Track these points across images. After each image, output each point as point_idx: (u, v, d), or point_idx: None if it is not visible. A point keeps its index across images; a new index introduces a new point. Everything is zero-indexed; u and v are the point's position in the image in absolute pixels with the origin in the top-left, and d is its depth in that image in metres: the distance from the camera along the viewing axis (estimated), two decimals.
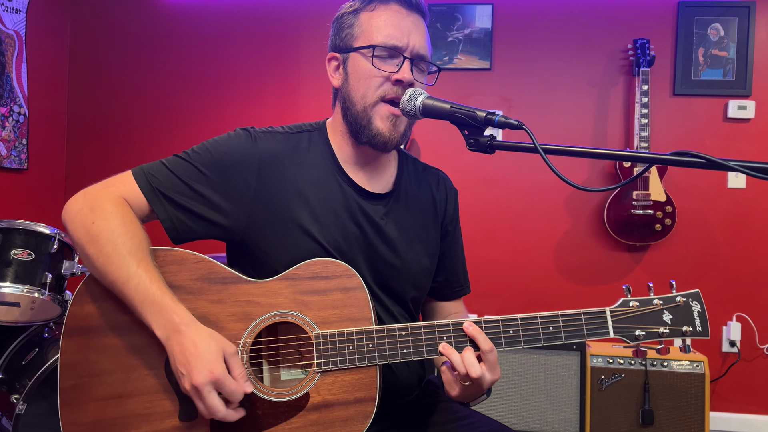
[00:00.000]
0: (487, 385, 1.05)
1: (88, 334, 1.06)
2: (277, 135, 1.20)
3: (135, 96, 3.40)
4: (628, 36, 3.08)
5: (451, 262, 1.36)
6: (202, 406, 0.98)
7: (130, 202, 1.11)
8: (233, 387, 0.98)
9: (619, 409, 2.54)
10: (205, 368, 0.96)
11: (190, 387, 0.97)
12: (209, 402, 0.97)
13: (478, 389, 1.06)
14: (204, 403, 0.97)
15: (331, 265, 1.10)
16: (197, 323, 1.01)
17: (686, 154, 0.91)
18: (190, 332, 0.99)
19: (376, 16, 1.16)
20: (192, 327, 1.00)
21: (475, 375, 1.01)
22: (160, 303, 1.00)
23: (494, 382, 1.06)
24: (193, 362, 0.97)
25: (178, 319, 1.00)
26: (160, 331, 1.00)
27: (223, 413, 0.98)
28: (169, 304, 1.01)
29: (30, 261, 2.02)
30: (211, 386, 0.97)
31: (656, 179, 2.92)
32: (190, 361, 0.97)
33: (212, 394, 0.97)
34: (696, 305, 1.09)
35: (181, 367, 0.98)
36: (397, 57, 1.15)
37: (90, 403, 1.04)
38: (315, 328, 1.07)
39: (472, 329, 1.05)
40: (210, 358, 0.97)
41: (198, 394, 0.97)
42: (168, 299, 1.01)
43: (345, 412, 1.06)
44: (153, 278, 1.02)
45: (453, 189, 1.38)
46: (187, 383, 0.97)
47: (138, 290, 1.01)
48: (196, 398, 0.98)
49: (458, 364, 1.03)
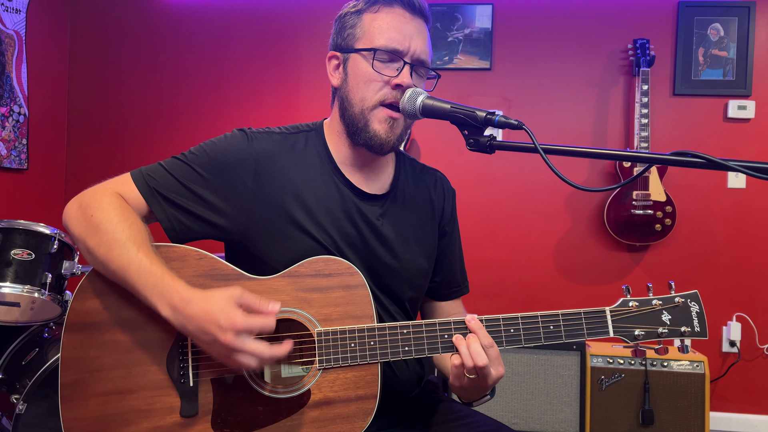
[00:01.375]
0: (492, 381, 1.06)
1: (90, 329, 1.06)
2: (274, 135, 1.21)
3: (135, 96, 3.40)
4: (628, 36, 3.09)
5: (449, 263, 1.36)
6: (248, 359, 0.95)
7: (129, 202, 1.12)
8: (259, 320, 0.97)
9: (619, 409, 2.54)
10: (226, 323, 0.94)
11: (224, 349, 0.95)
12: (251, 349, 0.95)
13: (483, 384, 1.06)
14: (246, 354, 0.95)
15: (333, 263, 1.11)
16: (196, 290, 1.00)
17: (686, 154, 0.91)
18: (195, 303, 0.98)
19: (379, 18, 1.16)
20: (194, 297, 0.99)
21: (481, 363, 1.02)
22: (160, 284, 1.00)
23: (499, 379, 1.07)
24: (212, 326, 0.95)
25: (178, 296, 0.99)
26: (166, 311, 0.99)
27: (269, 353, 0.96)
28: (169, 283, 1.00)
29: (30, 261, 2.02)
30: (243, 335, 0.95)
31: (656, 179, 2.92)
32: (209, 327, 0.95)
33: (248, 341, 0.95)
34: (694, 306, 1.10)
35: (204, 336, 0.96)
36: (397, 61, 1.15)
37: (91, 399, 1.04)
38: (317, 325, 1.08)
39: (474, 323, 1.06)
40: (224, 313, 0.95)
41: (235, 351, 0.95)
42: (167, 278, 1.01)
43: (346, 409, 1.06)
44: (153, 261, 1.02)
45: (451, 189, 1.38)
46: (219, 348, 0.96)
47: (139, 273, 1.01)
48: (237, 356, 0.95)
49: (465, 356, 1.04)
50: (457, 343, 1.06)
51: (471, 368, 1.03)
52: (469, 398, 1.16)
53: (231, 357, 0.96)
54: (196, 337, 0.98)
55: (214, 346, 0.97)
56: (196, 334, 0.98)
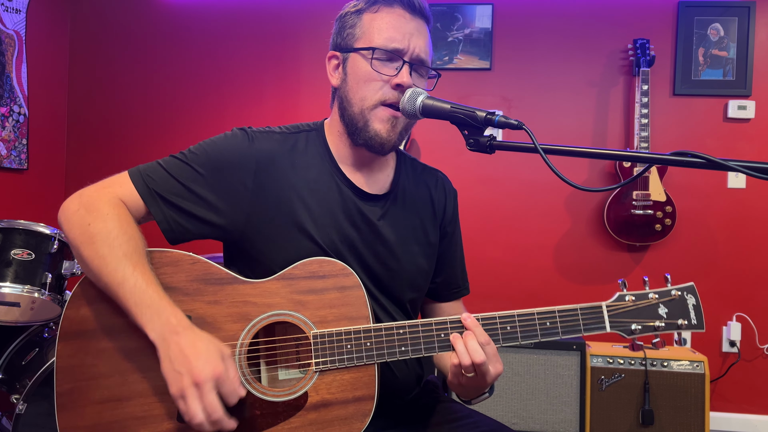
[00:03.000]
0: (491, 378, 1.06)
1: (84, 337, 1.05)
2: (274, 135, 1.20)
3: (135, 96, 3.40)
4: (628, 36, 3.09)
5: (450, 263, 1.36)
6: (199, 406, 0.94)
7: (127, 203, 1.11)
8: (232, 387, 0.97)
9: (619, 409, 2.54)
10: (208, 365, 0.95)
11: (190, 384, 0.94)
12: (209, 400, 0.94)
13: (481, 382, 1.06)
14: (205, 400, 0.94)
15: (328, 264, 1.10)
16: (194, 327, 1.00)
17: (686, 154, 0.91)
18: (189, 334, 0.98)
19: (379, 17, 1.16)
20: (190, 330, 0.99)
21: (478, 360, 1.02)
22: (156, 306, 0.99)
23: (498, 376, 1.06)
24: (194, 360, 0.95)
25: (176, 321, 0.99)
26: (154, 333, 0.99)
27: (220, 414, 0.95)
28: (167, 307, 1.00)
29: (30, 261, 2.02)
30: (213, 383, 0.95)
31: (656, 179, 2.92)
32: (191, 360, 0.95)
33: (213, 393, 0.95)
34: (691, 298, 1.09)
35: (179, 366, 0.96)
36: (396, 60, 1.14)
37: (87, 407, 1.04)
38: (312, 327, 1.07)
39: (470, 321, 1.06)
40: (211, 356, 0.96)
41: (198, 392, 0.94)
42: (165, 302, 1.00)
43: (344, 410, 1.06)
44: (149, 281, 1.01)
45: (452, 189, 1.37)
46: (186, 381, 0.94)
47: (133, 293, 1.00)
48: (192, 398, 0.94)
49: (462, 353, 1.03)
50: (453, 341, 1.06)
51: (468, 366, 1.03)
52: (468, 396, 1.16)
53: (186, 397, 0.95)
54: (169, 360, 0.97)
55: (180, 379, 0.95)
56: (172, 358, 0.96)
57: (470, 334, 1.05)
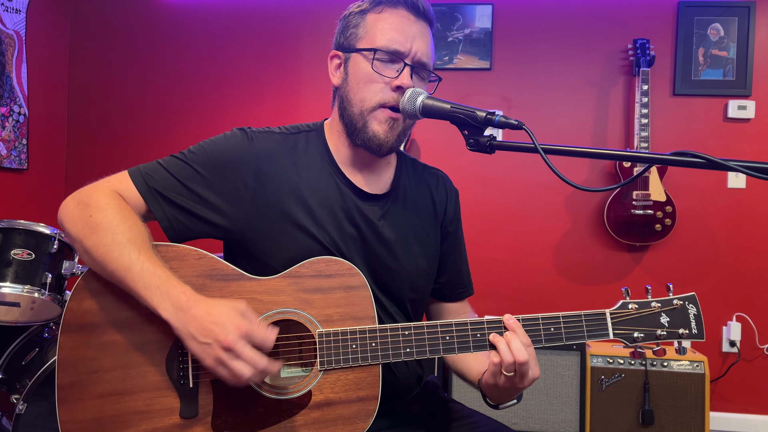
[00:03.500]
0: (528, 381, 1.05)
1: (87, 330, 1.05)
2: (275, 135, 1.20)
3: (135, 96, 3.40)
4: (628, 36, 3.09)
5: (454, 263, 1.36)
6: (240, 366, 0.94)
7: (127, 200, 1.11)
8: (261, 333, 0.97)
9: (619, 409, 2.54)
10: (231, 326, 0.95)
11: (221, 351, 0.94)
12: (247, 355, 0.94)
13: (519, 384, 1.06)
14: (242, 359, 0.94)
15: (335, 264, 1.11)
16: (204, 297, 1.00)
17: (686, 154, 0.91)
18: (201, 305, 0.98)
19: (383, 19, 1.16)
20: (201, 301, 0.99)
21: (522, 359, 1.02)
22: (165, 285, 1.00)
23: (534, 381, 1.06)
24: (216, 328, 0.95)
25: (185, 297, 0.99)
26: (167, 312, 0.99)
27: (264, 363, 0.95)
28: (175, 285, 1.00)
29: (30, 261, 2.02)
30: (244, 340, 0.95)
31: (656, 179, 2.92)
32: (212, 328, 0.95)
33: (247, 348, 0.95)
34: (692, 308, 1.10)
35: (203, 338, 0.96)
36: (397, 62, 1.14)
37: (88, 401, 1.04)
38: (318, 326, 1.07)
39: (512, 322, 1.06)
40: (230, 318, 0.96)
41: (232, 355, 0.94)
42: (173, 280, 1.00)
43: (347, 410, 1.06)
44: (155, 263, 1.02)
45: (453, 189, 1.37)
46: (217, 349, 0.94)
47: (141, 275, 1.00)
48: (231, 361, 0.94)
49: (504, 352, 1.03)
50: (495, 341, 1.05)
51: (510, 364, 1.02)
52: (500, 400, 1.15)
53: (225, 363, 0.95)
54: (193, 338, 0.97)
55: (210, 349, 0.95)
56: (195, 334, 0.97)
57: (513, 334, 1.05)
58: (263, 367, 0.96)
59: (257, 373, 0.96)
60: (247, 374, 0.95)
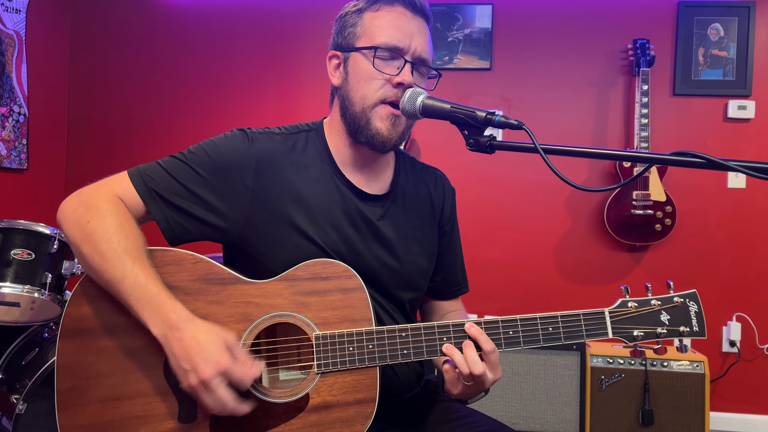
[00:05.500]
0: (488, 384, 1.06)
1: (85, 335, 1.05)
2: (274, 136, 1.20)
3: (135, 96, 3.40)
4: (628, 36, 3.09)
5: (449, 262, 1.36)
6: (211, 400, 0.96)
7: (126, 202, 1.11)
8: (242, 373, 0.97)
9: (619, 409, 2.54)
10: (212, 360, 0.95)
11: (197, 382, 0.95)
12: (219, 394, 0.96)
13: (479, 387, 1.07)
14: (213, 396, 0.96)
15: (331, 266, 1.10)
16: (195, 318, 1.00)
17: (686, 154, 0.91)
18: (189, 328, 0.98)
19: (380, 16, 1.16)
20: (190, 323, 0.99)
21: (478, 372, 1.02)
22: (156, 301, 1.00)
23: (495, 381, 1.07)
24: (197, 357, 0.96)
25: (175, 316, 0.99)
26: (156, 329, 0.99)
27: (232, 405, 0.97)
28: (166, 302, 1.00)
29: (30, 261, 2.02)
30: (220, 378, 0.96)
31: (656, 179, 2.92)
32: (194, 356, 0.96)
33: (221, 386, 0.96)
34: (693, 306, 1.09)
35: (184, 363, 0.97)
36: (398, 59, 1.14)
37: (88, 406, 1.04)
38: (315, 329, 1.07)
39: (473, 330, 1.06)
40: (214, 349, 0.96)
41: (206, 389, 0.96)
42: (164, 297, 1.00)
43: (345, 413, 1.06)
44: (149, 276, 1.01)
45: (450, 188, 1.37)
46: (193, 379, 0.96)
47: (134, 289, 1.00)
48: (203, 394, 0.96)
49: (461, 364, 1.03)
50: (449, 353, 1.05)
51: (467, 375, 1.03)
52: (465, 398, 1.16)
53: (198, 392, 0.97)
54: (175, 357, 0.98)
55: (187, 376, 0.97)
56: (177, 355, 0.97)
57: (470, 345, 1.05)
58: (229, 410, 0.97)
59: (224, 410, 0.98)
60: (215, 411, 0.98)
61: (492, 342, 1.05)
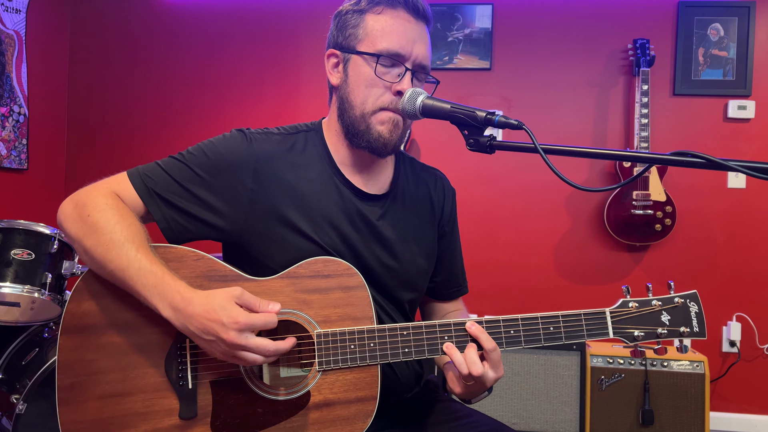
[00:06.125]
0: (490, 383, 1.06)
1: (86, 332, 1.05)
2: (273, 136, 1.20)
3: (135, 96, 3.40)
4: (628, 36, 3.09)
5: (449, 262, 1.36)
6: (250, 356, 0.96)
7: (125, 202, 1.11)
8: (262, 318, 0.98)
9: (619, 409, 2.54)
10: (228, 321, 0.95)
11: (226, 348, 0.96)
12: (254, 344, 0.96)
13: (481, 387, 1.07)
14: (250, 351, 0.96)
15: (333, 264, 1.10)
16: (197, 291, 1.00)
17: (686, 154, 0.91)
18: (196, 302, 0.98)
19: (382, 20, 1.15)
20: (196, 296, 0.99)
21: (477, 373, 1.02)
22: (161, 284, 1.00)
23: (497, 380, 1.07)
24: (215, 325, 0.96)
25: (179, 296, 0.99)
26: (166, 312, 0.99)
27: (273, 347, 0.97)
28: (170, 283, 1.00)
29: (30, 261, 2.02)
30: (246, 332, 0.96)
31: (656, 179, 2.92)
32: (211, 326, 0.96)
33: (251, 338, 0.96)
34: (693, 306, 1.10)
35: (205, 335, 0.97)
36: (399, 66, 1.14)
37: (88, 402, 1.04)
38: (316, 326, 1.07)
39: (474, 329, 1.06)
40: (225, 311, 0.96)
41: (238, 348, 0.96)
42: (168, 278, 1.01)
43: (346, 410, 1.06)
44: (153, 261, 1.02)
45: (451, 189, 1.38)
46: (222, 346, 0.96)
47: (139, 274, 1.01)
48: (239, 354, 0.96)
49: (461, 364, 1.04)
50: (449, 353, 1.06)
51: (467, 376, 1.04)
52: (467, 398, 1.16)
53: (235, 354, 0.97)
54: (197, 336, 0.98)
55: (217, 345, 0.97)
56: (198, 333, 0.98)
57: (472, 346, 1.05)
58: (273, 350, 0.98)
59: (269, 358, 0.98)
60: (260, 360, 0.98)
61: (493, 340, 1.05)
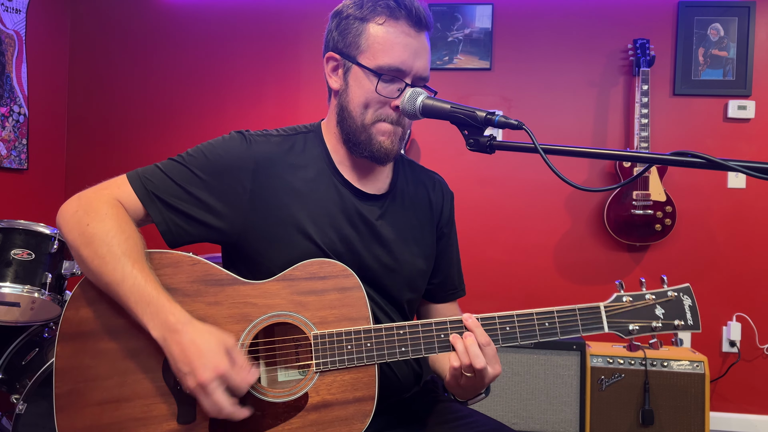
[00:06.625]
0: (489, 379, 1.06)
1: (83, 338, 1.05)
2: (272, 138, 1.20)
3: (135, 96, 3.40)
4: (628, 36, 3.09)
5: (446, 265, 1.36)
6: (208, 403, 0.97)
7: (125, 205, 1.11)
8: (239, 378, 0.98)
9: (619, 409, 2.54)
10: (210, 364, 0.96)
11: (195, 385, 0.96)
12: (216, 398, 0.96)
13: (480, 383, 1.07)
14: (211, 400, 0.96)
15: (328, 266, 1.10)
16: (194, 321, 1.01)
17: (686, 154, 0.91)
18: (188, 330, 0.99)
19: (384, 32, 1.13)
20: (189, 325, 1.00)
21: (479, 365, 1.03)
22: (155, 303, 1.00)
23: (496, 377, 1.07)
24: (196, 360, 0.96)
25: (174, 318, 0.99)
26: (156, 331, 0.99)
27: (229, 410, 0.97)
28: (165, 304, 1.00)
29: (30, 261, 2.02)
30: (218, 381, 0.96)
31: (656, 179, 2.92)
32: (193, 360, 0.96)
33: (219, 390, 0.96)
34: (687, 299, 1.11)
35: (183, 366, 0.97)
36: (399, 82, 1.14)
37: (86, 409, 1.04)
38: (313, 328, 1.07)
39: (470, 322, 1.07)
40: (212, 353, 0.97)
41: (204, 392, 0.96)
42: (163, 299, 1.01)
43: (344, 411, 1.06)
44: (148, 278, 1.02)
45: (449, 192, 1.38)
46: (192, 382, 0.96)
47: (133, 291, 1.01)
48: (201, 396, 0.97)
49: (462, 353, 1.04)
50: (453, 341, 1.06)
51: (468, 366, 1.04)
52: (465, 397, 1.16)
53: (197, 394, 0.98)
54: (176, 361, 0.98)
55: (187, 379, 0.97)
56: (178, 358, 0.98)
57: (470, 335, 1.06)
58: (226, 414, 0.98)
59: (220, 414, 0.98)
60: (212, 414, 0.98)
61: (487, 335, 1.06)
